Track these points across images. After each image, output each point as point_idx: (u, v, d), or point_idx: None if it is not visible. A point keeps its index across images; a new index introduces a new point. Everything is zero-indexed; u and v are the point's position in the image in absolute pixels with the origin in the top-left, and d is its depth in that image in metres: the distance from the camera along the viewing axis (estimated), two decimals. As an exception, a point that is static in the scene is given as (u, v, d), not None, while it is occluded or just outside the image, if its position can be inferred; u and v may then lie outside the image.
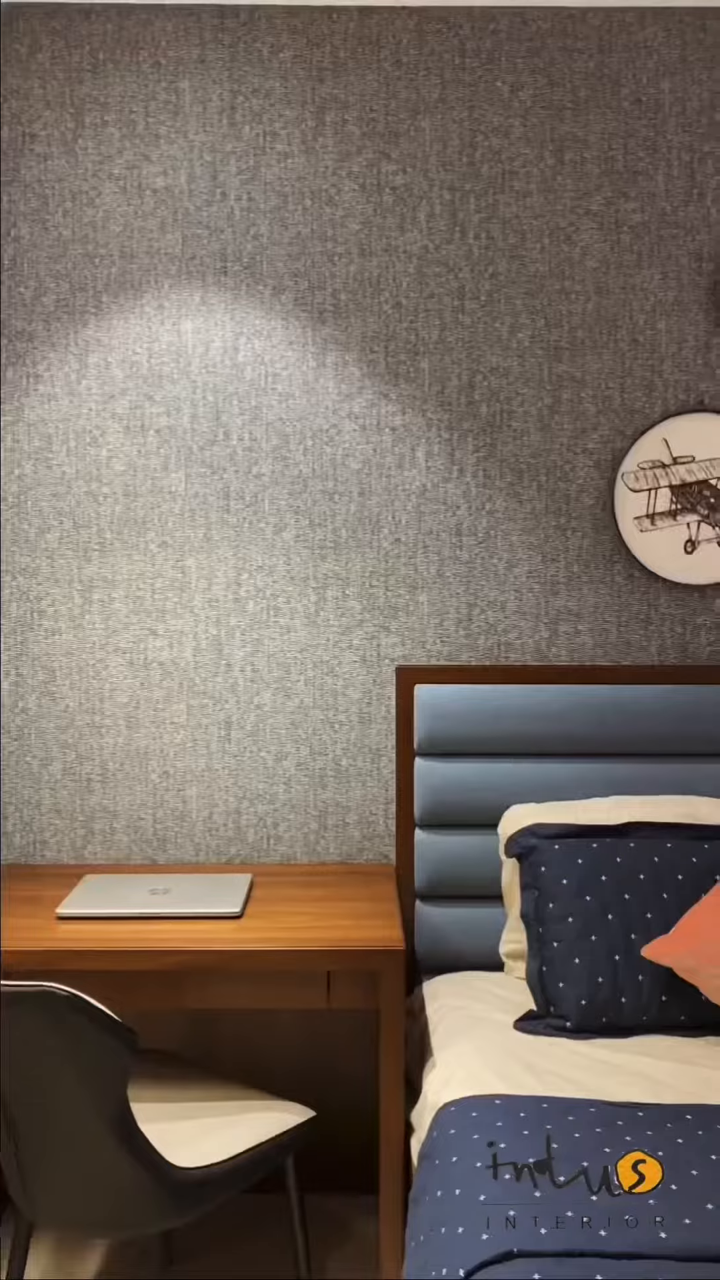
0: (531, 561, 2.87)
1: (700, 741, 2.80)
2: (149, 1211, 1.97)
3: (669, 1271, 1.54)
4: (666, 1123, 1.95)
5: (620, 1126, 1.93)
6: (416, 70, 2.78)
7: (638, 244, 2.81)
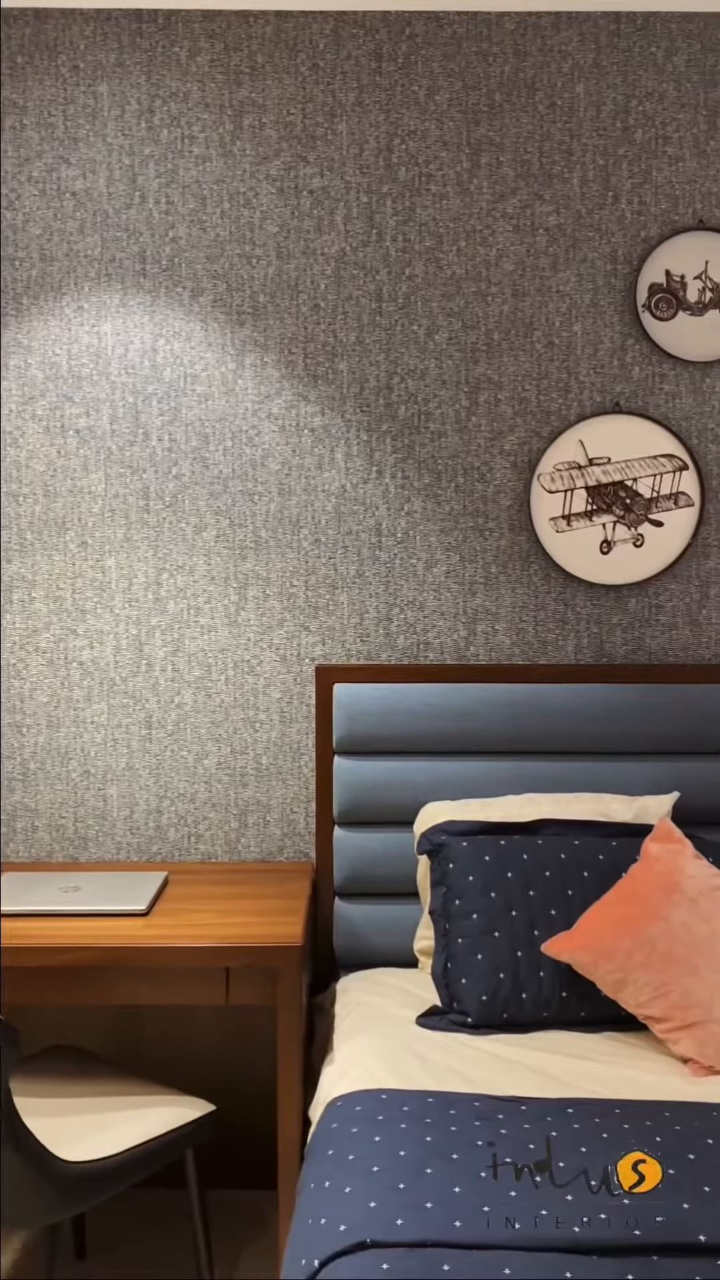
0: (450, 562, 2.89)
1: (613, 740, 2.82)
2: (34, 1205, 1.99)
3: (517, 1262, 1.56)
4: (547, 1116, 1.97)
5: (501, 1120, 1.96)
6: (333, 74, 2.80)
7: (553, 246, 2.84)
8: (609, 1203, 1.68)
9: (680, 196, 2.83)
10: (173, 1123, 2.22)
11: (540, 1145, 1.85)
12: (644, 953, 2.29)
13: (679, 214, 2.83)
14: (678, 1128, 1.91)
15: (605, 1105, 2.02)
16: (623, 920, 2.35)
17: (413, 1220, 1.64)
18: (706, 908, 2.33)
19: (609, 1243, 1.59)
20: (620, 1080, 2.15)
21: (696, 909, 2.33)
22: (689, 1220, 1.64)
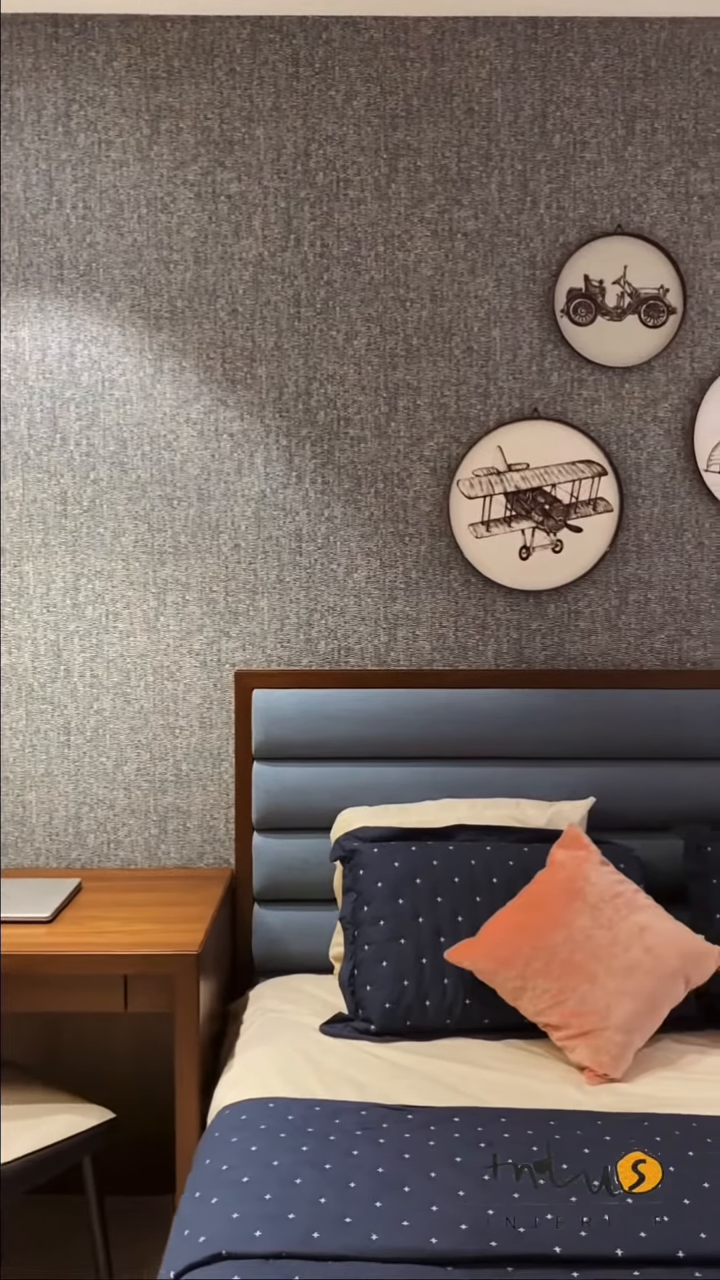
0: (370, 567, 2.89)
1: (532, 745, 2.82)
2: None
3: (371, 1273, 1.56)
4: (431, 1125, 1.97)
5: (384, 1129, 1.95)
6: (250, 79, 2.80)
7: (471, 251, 2.83)
8: (472, 1213, 1.68)
9: (599, 201, 2.82)
10: (68, 1130, 2.22)
11: (419, 1154, 1.85)
12: (543, 960, 2.29)
13: (597, 219, 2.83)
14: (558, 1137, 1.91)
15: (491, 1114, 2.02)
16: (524, 927, 2.35)
17: (271, 1231, 1.64)
18: (608, 914, 2.33)
19: (464, 1254, 1.59)
20: (512, 1088, 2.15)
21: (598, 915, 2.33)
22: (546, 1232, 1.64)
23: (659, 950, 2.30)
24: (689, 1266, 1.58)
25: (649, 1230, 1.64)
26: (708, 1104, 2.07)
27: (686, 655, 2.91)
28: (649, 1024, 2.26)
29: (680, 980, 2.30)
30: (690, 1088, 2.15)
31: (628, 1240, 1.62)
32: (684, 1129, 1.95)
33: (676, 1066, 2.25)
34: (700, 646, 2.91)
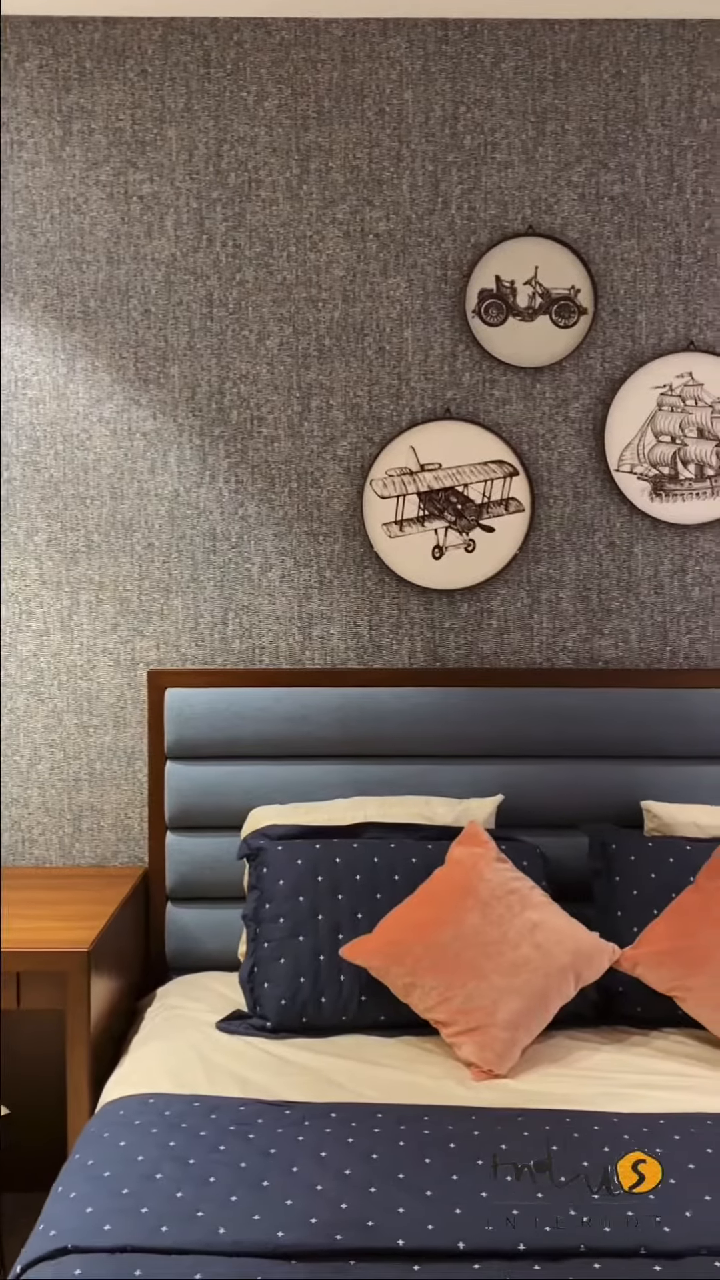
0: (284, 566, 2.90)
1: (444, 743, 2.83)
2: None
3: (215, 1267, 1.57)
4: (305, 1121, 1.98)
5: (260, 1125, 1.96)
6: (162, 80, 2.81)
7: (383, 252, 2.84)
8: (326, 1208, 1.69)
9: (510, 202, 2.84)
10: (-42, 1127, 2.23)
11: (286, 1150, 1.86)
12: (433, 957, 2.30)
13: (509, 220, 2.84)
14: (426, 1133, 1.92)
15: (368, 1110, 2.02)
16: (417, 924, 2.36)
17: (120, 1225, 1.64)
18: (499, 911, 2.34)
19: (307, 1248, 1.60)
20: (398, 1085, 2.16)
21: (489, 913, 2.34)
22: (394, 1226, 1.65)
23: (549, 947, 2.31)
24: (528, 1260, 1.59)
25: (495, 1225, 1.65)
26: (586, 1100, 2.08)
27: (598, 654, 2.92)
28: (537, 1021, 2.27)
29: (570, 977, 2.31)
30: (573, 1084, 2.16)
31: (472, 1233, 1.63)
32: (556, 1124, 1.95)
33: (565, 1063, 2.26)
34: (611, 645, 2.92)
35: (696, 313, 2.85)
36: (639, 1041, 2.36)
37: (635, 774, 2.82)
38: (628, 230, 2.84)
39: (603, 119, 2.82)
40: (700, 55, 2.80)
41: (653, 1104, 2.05)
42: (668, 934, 2.37)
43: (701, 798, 2.77)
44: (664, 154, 2.83)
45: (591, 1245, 1.60)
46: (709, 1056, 2.28)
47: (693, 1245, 1.61)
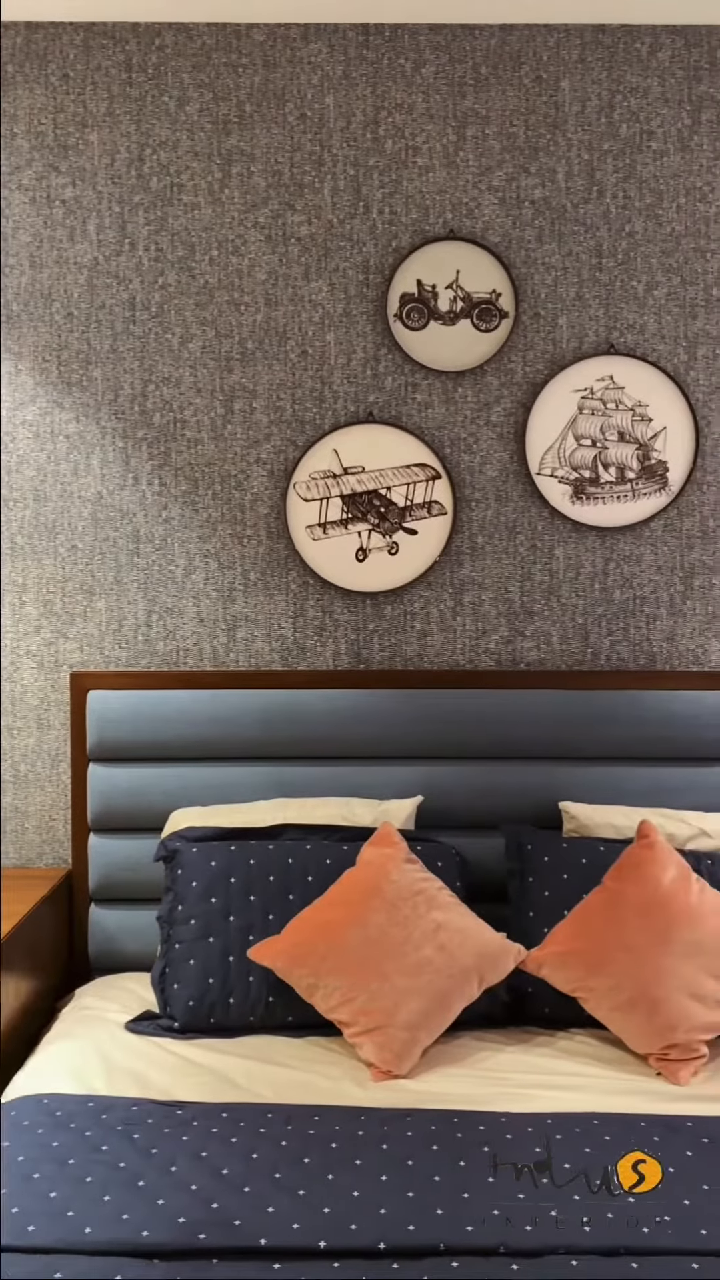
0: (209, 569, 2.91)
1: (367, 745, 2.84)
2: None
3: (78, 1265, 1.57)
4: (194, 1121, 1.99)
5: (149, 1125, 1.97)
6: (84, 84, 2.82)
7: (305, 256, 2.86)
8: (197, 1207, 1.70)
9: (431, 206, 2.85)
10: None
11: (167, 1150, 1.87)
12: (337, 957, 2.31)
13: (430, 224, 2.85)
14: (312, 1133, 1.93)
15: (259, 1109, 2.04)
16: (323, 925, 2.37)
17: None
18: (405, 912, 2.35)
19: (170, 1247, 1.61)
20: (296, 1085, 2.17)
21: (394, 914, 2.35)
22: (258, 1224, 1.66)
23: (452, 948, 2.32)
24: (388, 1259, 1.60)
25: (360, 1224, 1.66)
26: (479, 1100, 2.09)
27: (520, 656, 2.94)
28: (438, 1022, 2.28)
29: (474, 978, 2.32)
30: (471, 1084, 2.17)
31: (335, 1232, 1.64)
32: (443, 1124, 1.96)
33: (466, 1063, 2.26)
34: (534, 647, 2.93)
35: (617, 316, 2.87)
36: (544, 1042, 2.37)
37: (555, 775, 2.83)
38: (549, 234, 2.85)
39: (523, 123, 2.83)
40: (620, 60, 2.82)
41: (543, 1104, 2.06)
42: (572, 935, 2.38)
43: (620, 799, 2.79)
44: (584, 158, 2.84)
45: (451, 1244, 1.61)
46: (609, 1057, 2.29)
47: (551, 1244, 1.62)
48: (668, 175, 2.84)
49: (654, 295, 2.86)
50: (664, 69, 2.82)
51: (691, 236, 2.85)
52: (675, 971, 2.26)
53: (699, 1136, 1.92)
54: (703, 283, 2.86)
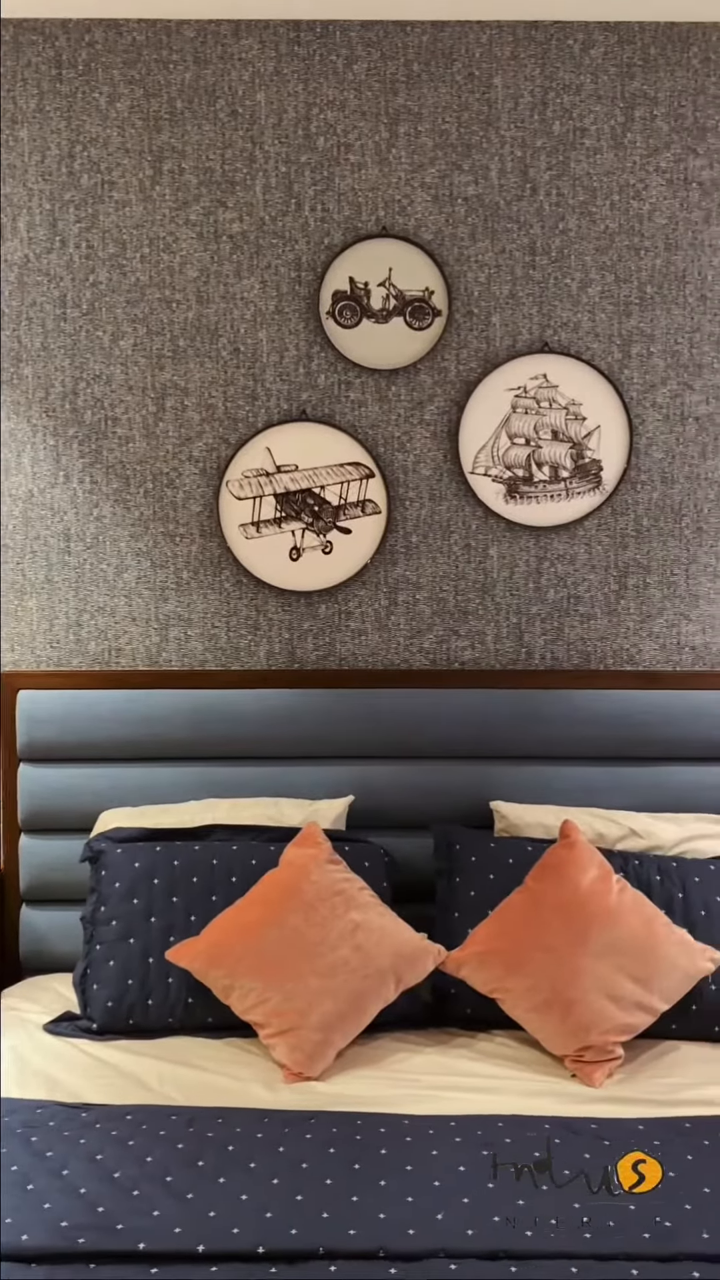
0: (141, 567, 2.90)
1: (300, 745, 2.83)
2: None
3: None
4: (98, 1124, 1.97)
5: (51, 1127, 1.96)
6: (14, 81, 2.80)
7: (237, 254, 2.84)
8: (82, 1210, 1.69)
9: (363, 204, 2.84)
10: None
11: (62, 1152, 1.86)
12: (252, 958, 2.30)
13: (362, 221, 2.84)
14: (210, 1135, 1.92)
15: (164, 1111, 2.02)
16: (240, 926, 2.35)
17: None
18: (322, 913, 2.34)
19: (50, 1250, 1.60)
20: (205, 1087, 2.15)
21: (312, 914, 2.33)
22: (134, 1227, 1.64)
23: (369, 949, 2.30)
24: (267, 1262, 1.58)
25: (242, 1228, 1.64)
26: (386, 1102, 2.07)
27: (454, 655, 2.92)
28: (352, 1023, 2.26)
29: (390, 980, 2.31)
30: (381, 1086, 2.15)
31: (217, 1236, 1.63)
32: (344, 1126, 1.95)
33: (381, 1065, 2.25)
34: (468, 647, 2.92)
35: (551, 314, 2.85)
36: (463, 1044, 2.36)
37: (488, 775, 2.82)
38: (482, 232, 2.84)
39: (456, 120, 2.82)
40: (553, 57, 2.80)
41: (450, 1106, 2.05)
42: (491, 935, 2.36)
43: (552, 799, 2.78)
44: (517, 155, 2.83)
45: (331, 1248, 1.60)
46: (526, 1058, 2.28)
47: (431, 1248, 1.60)
48: (601, 172, 2.83)
49: (588, 293, 2.85)
50: (597, 66, 2.81)
51: (625, 234, 2.84)
52: (591, 972, 2.25)
53: (600, 1139, 1.91)
54: (636, 280, 2.84)
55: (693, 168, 2.82)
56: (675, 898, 2.48)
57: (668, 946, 2.29)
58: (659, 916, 2.35)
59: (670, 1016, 2.31)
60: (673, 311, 2.85)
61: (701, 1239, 1.62)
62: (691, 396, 2.86)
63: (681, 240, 2.84)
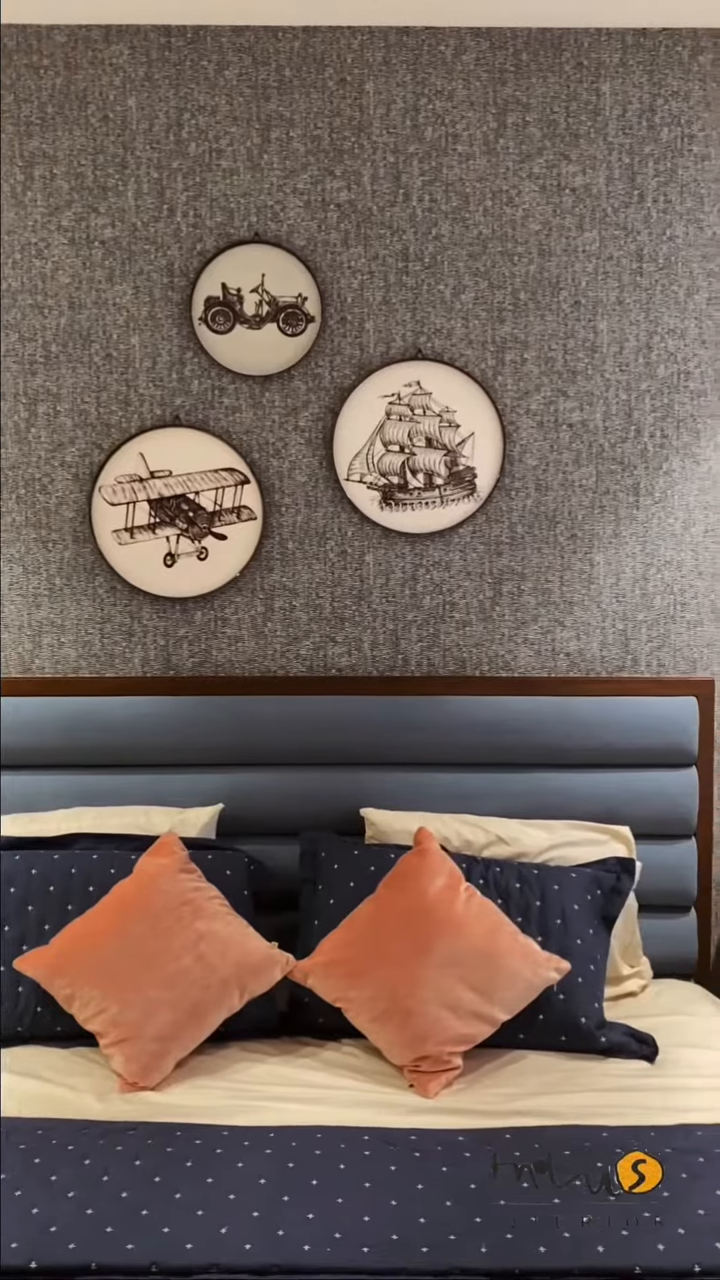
0: (13, 573, 2.89)
1: (173, 752, 2.82)
2: None
3: None
4: None
5: None
6: None
7: (110, 259, 2.83)
8: None
9: (236, 210, 2.83)
10: None
11: None
12: (95, 968, 2.29)
13: (235, 227, 2.83)
14: (23, 1147, 1.91)
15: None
16: (87, 935, 2.34)
17: None
18: (168, 923, 2.33)
19: None
20: (40, 1098, 2.14)
21: (157, 924, 2.32)
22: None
23: (212, 959, 2.30)
24: (39, 1277, 1.57)
25: (22, 1242, 1.63)
26: (214, 1113, 2.07)
27: (331, 662, 2.92)
28: (192, 1034, 2.26)
29: (234, 989, 2.30)
30: (215, 1096, 2.15)
31: (43, 1249, 1.62)
32: (162, 1137, 1.94)
33: (221, 1075, 2.24)
34: (345, 653, 2.91)
35: (424, 321, 2.85)
36: (310, 1053, 2.35)
37: (362, 781, 2.81)
38: (354, 238, 2.83)
39: (328, 126, 2.81)
40: (425, 63, 2.80)
41: (275, 1117, 2.04)
42: (338, 945, 2.36)
43: (424, 805, 2.77)
44: (390, 161, 2.82)
45: (104, 1263, 1.59)
46: (370, 1068, 2.27)
47: (205, 1263, 1.59)
48: (474, 178, 2.82)
49: (461, 299, 2.84)
50: (469, 72, 2.80)
51: (498, 240, 2.83)
52: (431, 982, 2.24)
53: (412, 1151, 1.90)
54: (510, 286, 2.84)
55: (565, 174, 2.82)
56: (533, 905, 2.48)
57: (511, 957, 2.29)
58: (505, 926, 2.34)
59: (516, 1026, 2.31)
60: (546, 318, 2.85)
61: (480, 1254, 1.62)
62: (565, 403, 2.86)
63: (555, 246, 2.83)
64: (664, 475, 2.87)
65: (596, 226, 2.83)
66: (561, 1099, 2.12)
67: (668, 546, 2.89)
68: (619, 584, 2.90)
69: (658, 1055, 2.31)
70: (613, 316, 2.85)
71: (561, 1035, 2.33)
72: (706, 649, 2.91)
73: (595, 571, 2.90)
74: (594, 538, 2.89)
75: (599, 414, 2.86)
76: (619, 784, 2.81)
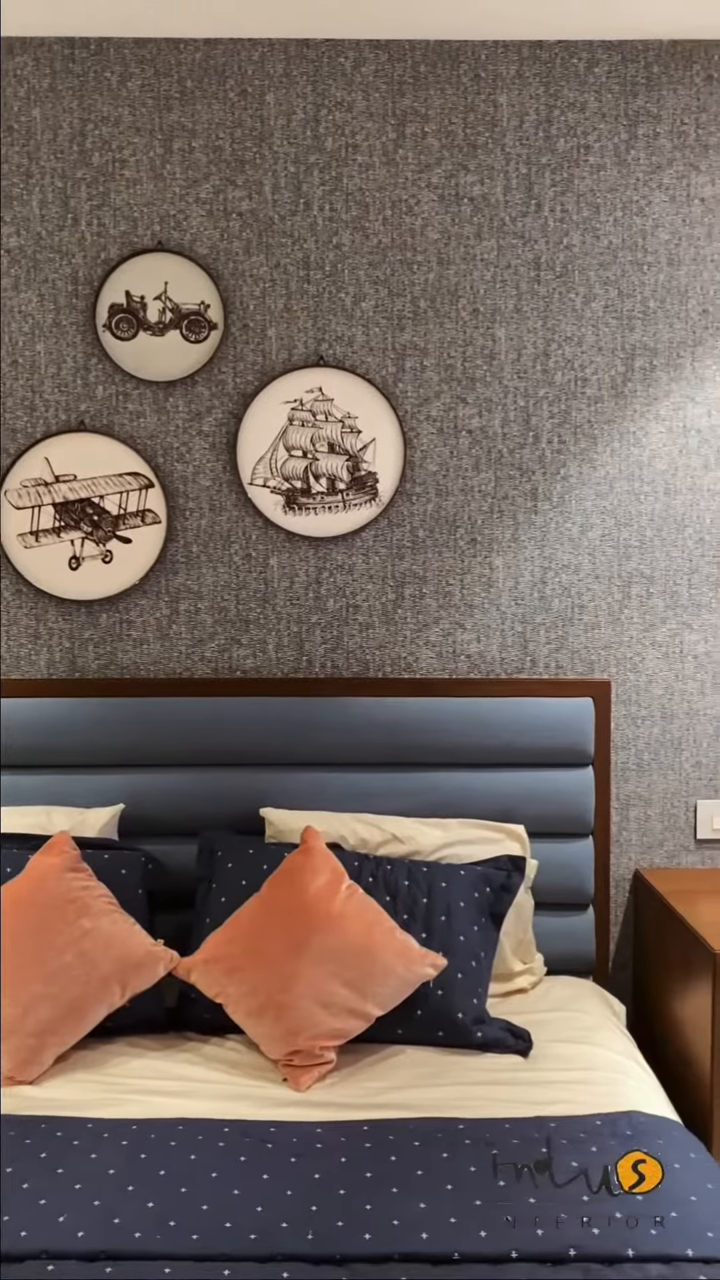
0: None
1: (76, 753, 2.86)
2: None
3: None
4: None
5: None
6: None
7: (15, 268, 2.87)
8: None
9: (139, 218, 2.87)
10: None
11: None
12: (-22, 965, 2.33)
13: (138, 235, 2.88)
14: None
15: None
16: (-28, 933, 2.38)
17: None
18: (52, 920, 2.36)
19: None
20: None
21: (41, 922, 2.35)
22: None
23: (94, 955, 2.33)
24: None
25: None
26: (81, 1106, 2.10)
27: (236, 664, 2.96)
28: (71, 1029, 2.29)
29: (115, 985, 2.33)
30: (88, 1090, 2.18)
31: None
32: (23, 1130, 1.98)
33: (99, 1070, 2.28)
34: (249, 655, 2.96)
35: (326, 328, 2.89)
36: (192, 1048, 2.39)
37: (264, 781, 2.85)
38: (256, 246, 2.88)
39: (229, 136, 2.86)
40: (325, 74, 2.84)
41: (142, 1109, 2.08)
42: (221, 941, 2.40)
43: (324, 805, 2.81)
44: (291, 171, 2.87)
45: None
46: (246, 1062, 2.31)
47: (35, 1250, 1.63)
48: (374, 188, 2.87)
49: (361, 307, 2.89)
50: (368, 83, 2.85)
51: (398, 249, 2.88)
52: (305, 978, 2.28)
53: (265, 1143, 1.94)
54: (409, 294, 2.89)
55: (464, 183, 2.87)
56: (419, 902, 2.52)
57: (387, 953, 2.33)
58: (383, 922, 2.38)
59: (394, 1021, 2.35)
60: (445, 325, 2.89)
61: (306, 1240, 1.66)
62: (464, 410, 2.91)
63: (453, 255, 2.88)
64: (561, 480, 2.92)
65: (494, 235, 2.88)
66: (427, 1092, 2.17)
67: (565, 550, 2.94)
68: (518, 587, 2.94)
69: (531, 1050, 2.35)
70: (511, 324, 2.89)
71: (439, 1030, 2.37)
72: (603, 651, 2.96)
73: (495, 575, 2.94)
74: (493, 542, 2.94)
75: (497, 420, 2.91)
76: (517, 783, 2.86)
